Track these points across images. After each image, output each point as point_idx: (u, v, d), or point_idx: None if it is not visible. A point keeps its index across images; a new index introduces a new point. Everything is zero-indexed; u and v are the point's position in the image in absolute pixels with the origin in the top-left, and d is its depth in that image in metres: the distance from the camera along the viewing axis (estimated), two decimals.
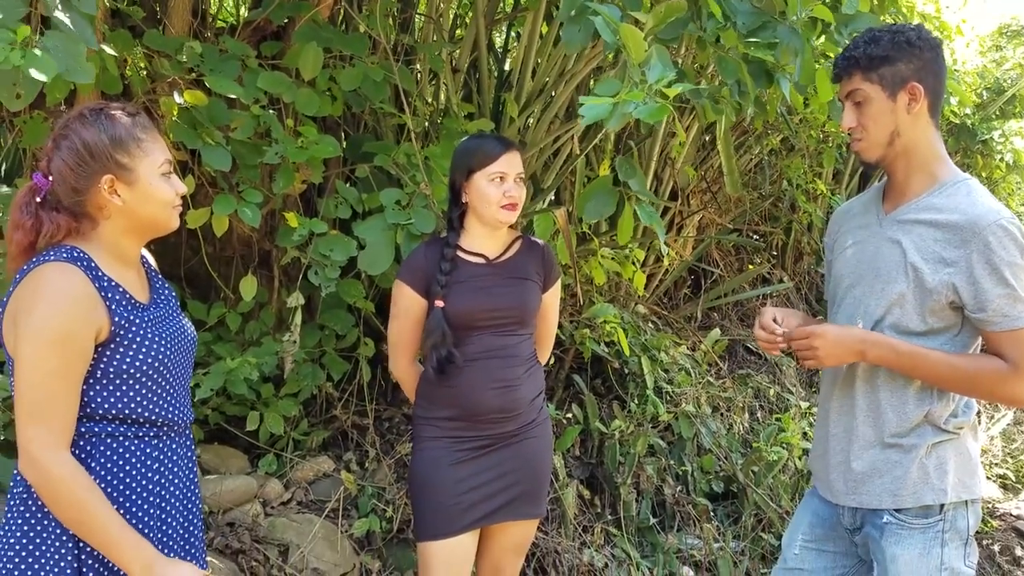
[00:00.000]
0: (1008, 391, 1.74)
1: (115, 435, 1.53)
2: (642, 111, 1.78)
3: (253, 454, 2.99)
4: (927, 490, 1.79)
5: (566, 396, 3.66)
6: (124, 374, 1.52)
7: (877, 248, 1.85)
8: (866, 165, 1.87)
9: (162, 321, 1.62)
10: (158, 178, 1.56)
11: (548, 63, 3.30)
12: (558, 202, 3.78)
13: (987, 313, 1.71)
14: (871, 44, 1.78)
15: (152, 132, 1.57)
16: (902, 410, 1.81)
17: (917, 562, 1.78)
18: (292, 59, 2.56)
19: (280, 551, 2.65)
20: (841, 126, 1.86)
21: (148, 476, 1.56)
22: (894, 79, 1.77)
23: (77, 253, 1.51)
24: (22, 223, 1.52)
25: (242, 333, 2.97)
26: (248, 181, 2.57)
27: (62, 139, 1.52)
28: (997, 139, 5.31)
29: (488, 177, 2.12)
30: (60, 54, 1.65)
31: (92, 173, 1.51)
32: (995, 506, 4.69)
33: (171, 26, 2.67)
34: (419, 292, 2.16)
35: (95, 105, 1.56)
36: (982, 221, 1.70)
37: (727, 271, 5.27)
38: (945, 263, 1.73)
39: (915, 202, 1.81)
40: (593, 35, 1.99)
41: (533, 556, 3.04)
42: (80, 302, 1.46)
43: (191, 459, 1.70)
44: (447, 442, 2.16)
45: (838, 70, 1.84)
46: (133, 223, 1.57)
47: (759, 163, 5.29)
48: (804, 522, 2.01)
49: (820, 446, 1.97)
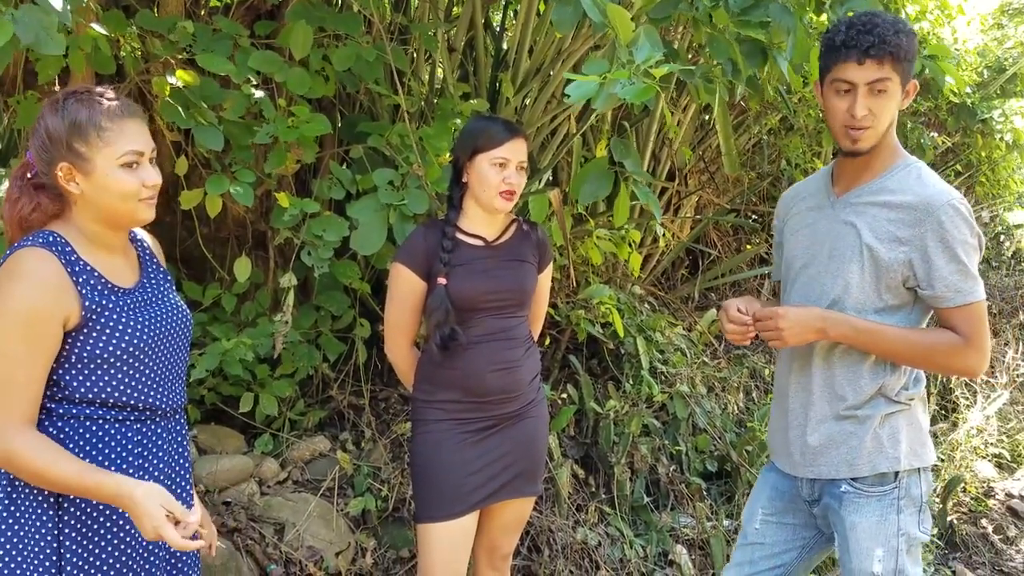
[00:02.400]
0: (960, 363, 1.83)
1: (93, 417, 1.54)
2: (628, 91, 1.77)
3: (249, 434, 3.01)
4: (881, 459, 1.86)
5: (561, 376, 3.67)
6: (98, 358, 1.52)
7: (830, 229, 1.90)
8: (853, 154, 1.84)
9: (146, 305, 1.61)
10: (116, 169, 1.52)
11: (545, 42, 3.28)
12: (555, 182, 3.78)
13: (939, 289, 1.78)
14: (901, 35, 1.73)
15: (121, 120, 1.52)
16: (857, 384, 1.87)
17: (875, 528, 1.85)
18: (284, 38, 2.55)
19: (276, 530, 2.67)
20: (849, 111, 1.77)
21: (128, 460, 1.56)
22: (907, 74, 1.80)
23: (54, 238, 1.51)
24: (12, 197, 1.54)
25: (238, 314, 2.98)
26: (241, 161, 2.57)
27: (38, 120, 1.53)
28: (997, 118, 5.29)
29: (491, 161, 2.11)
30: (29, 25, 1.63)
31: (51, 159, 1.51)
32: (990, 485, 4.72)
33: (164, 6, 2.66)
34: (419, 274, 2.16)
35: (79, 88, 1.55)
36: (935, 201, 1.77)
37: (725, 251, 5.27)
38: (900, 242, 1.80)
39: (867, 185, 1.87)
40: (583, 15, 1.98)
41: (527, 534, 3.07)
42: (47, 287, 1.46)
43: (181, 443, 1.69)
44: (451, 424, 2.17)
45: (870, 52, 1.72)
46: (95, 212, 1.55)
47: (758, 143, 5.27)
48: (763, 496, 2.06)
49: (779, 421, 2.02)
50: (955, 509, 4.35)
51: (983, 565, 3.95)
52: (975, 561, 3.99)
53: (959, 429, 5.11)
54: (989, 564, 3.96)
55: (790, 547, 2.03)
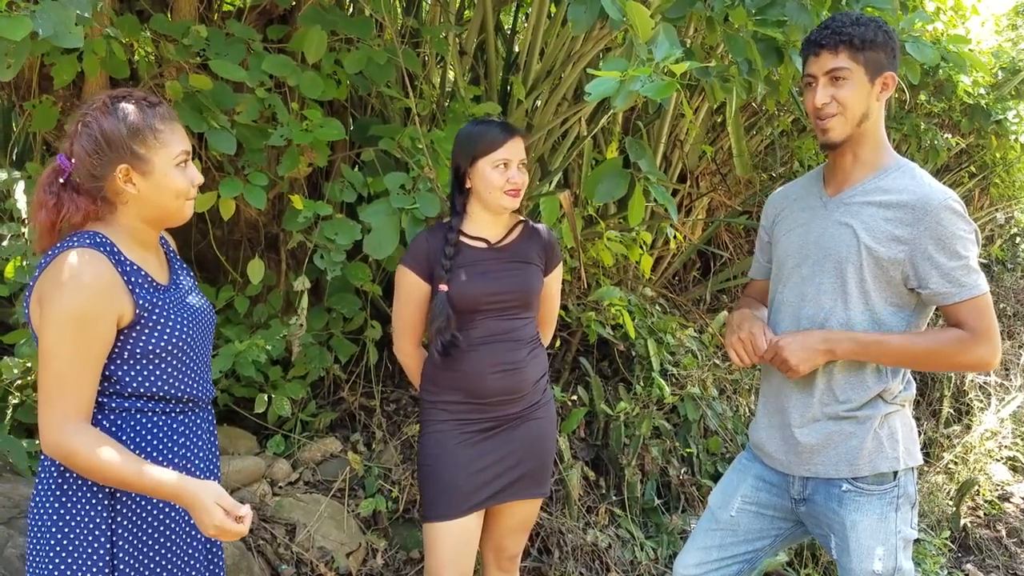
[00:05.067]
0: (970, 357, 1.82)
1: (144, 411, 1.59)
2: (649, 88, 1.78)
3: (262, 435, 3.03)
4: (881, 459, 1.88)
5: (572, 378, 3.68)
6: (150, 354, 1.58)
7: (824, 230, 1.91)
8: (827, 146, 1.89)
9: (182, 302, 1.67)
10: (173, 169, 1.59)
11: (556, 44, 3.29)
12: (566, 184, 3.78)
13: (942, 286, 1.79)
14: (859, 26, 1.81)
15: (171, 123, 1.60)
16: (860, 389, 1.88)
17: (876, 527, 1.87)
18: (297, 43, 2.56)
19: (287, 530, 2.69)
20: (813, 102, 1.85)
21: (174, 450, 1.62)
22: (876, 64, 1.82)
23: (101, 239, 1.55)
24: (45, 202, 1.57)
25: (250, 316, 3.00)
26: (254, 164, 2.59)
27: (84, 125, 1.55)
28: (1012, 119, 5.23)
29: (492, 164, 2.13)
30: (47, 19, 1.65)
31: (109, 162, 1.54)
32: (1004, 489, 4.69)
33: (178, 10, 2.68)
34: (422, 277, 2.18)
35: (119, 93, 1.59)
36: (933, 200, 1.79)
37: (737, 254, 5.25)
38: (898, 241, 1.81)
39: (861, 185, 1.88)
40: (600, 14, 1.98)
41: (537, 536, 3.08)
42: (102, 288, 1.51)
43: (213, 433, 1.77)
44: (454, 424, 2.18)
45: (822, 43, 1.82)
46: (147, 212, 1.61)
47: (770, 144, 5.25)
48: (746, 484, 2.07)
49: (771, 418, 2.02)
50: (969, 512, 4.33)
51: (996, 569, 3.93)
52: (988, 564, 3.96)
53: (973, 432, 5.08)
54: (1003, 567, 3.93)
55: (764, 536, 2.06)
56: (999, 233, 7.23)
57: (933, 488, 4.47)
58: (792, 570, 3.39)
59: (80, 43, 1.73)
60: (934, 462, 4.86)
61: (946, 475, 4.71)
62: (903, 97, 5.02)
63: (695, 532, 2.14)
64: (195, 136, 2.66)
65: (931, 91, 5.02)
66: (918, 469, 1.99)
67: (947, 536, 3.97)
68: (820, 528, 1.98)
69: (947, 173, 6.04)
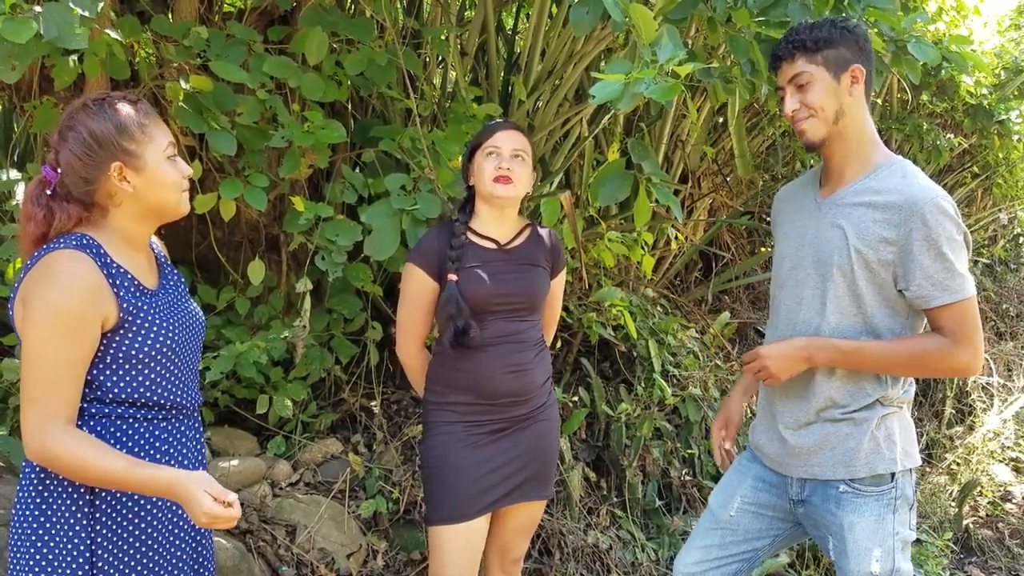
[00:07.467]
0: (951, 364, 1.81)
1: (125, 417, 1.57)
2: (654, 90, 1.78)
3: (262, 436, 3.03)
4: (879, 460, 1.87)
5: (573, 379, 3.67)
6: (133, 359, 1.55)
7: (817, 232, 1.91)
8: (810, 147, 1.91)
9: (170, 307, 1.65)
10: (164, 162, 1.59)
11: (557, 45, 3.28)
12: (567, 184, 3.77)
13: (925, 288, 1.78)
14: (813, 29, 1.85)
15: (154, 117, 1.60)
16: (860, 395, 1.88)
17: (873, 528, 1.87)
18: (298, 44, 2.56)
19: (288, 531, 2.69)
20: (784, 111, 1.90)
21: (157, 459, 1.60)
22: (838, 61, 1.84)
23: (87, 240, 1.54)
24: (34, 215, 1.55)
25: (251, 317, 3.00)
26: (254, 166, 2.59)
27: (68, 131, 1.54)
28: (1015, 119, 5.23)
29: (484, 152, 2.16)
30: (52, 21, 1.66)
31: (101, 162, 1.53)
32: (1007, 490, 4.68)
33: (178, 11, 2.68)
34: (431, 274, 2.17)
35: (97, 95, 1.58)
36: (920, 200, 1.77)
37: (738, 254, 5.25)
38: (886, 242, 1.80)
39: (852, 185, 1.88)
40: (602, 15, 1.98)
41: (538, 537, 3.07)
42: (87, 289, 1.49)
43: (199, 441, 1.74)
44: (463, 427, 2.17)
45: (779, 55, 1.89)
46: (144, 209, 1.60)
47: (771, 145, 5.25)
48: (746, 485, 2.07)
49: (771, 420, 2.03)
50: (971, 513, 4.32)
51: (999, 570, 3.92)
52: (991, 566, 3.95)
53: (976, 433, 5.07)
54: (1005, 569, 3.92)
55: (763, 535, 2.06)
56: (1002, 233, 7.22)
57: (935, 489, 4.46)
58: (793, 571, 3.38)
59: (84, 44, 1.73)
60: (936, 463, 4.85)
61: (948, 476, 4.70)
62: (905, 97, 5.02)
63: (695, 531, 2.14)
64: (195, 137, 2.67)
65: (933, 91, 5.01)
66: (918, 470, 1.99)
67: (949, 537, 3.96)
68: (818, 530, 1.98)
69: (950, 173, 6.03)
